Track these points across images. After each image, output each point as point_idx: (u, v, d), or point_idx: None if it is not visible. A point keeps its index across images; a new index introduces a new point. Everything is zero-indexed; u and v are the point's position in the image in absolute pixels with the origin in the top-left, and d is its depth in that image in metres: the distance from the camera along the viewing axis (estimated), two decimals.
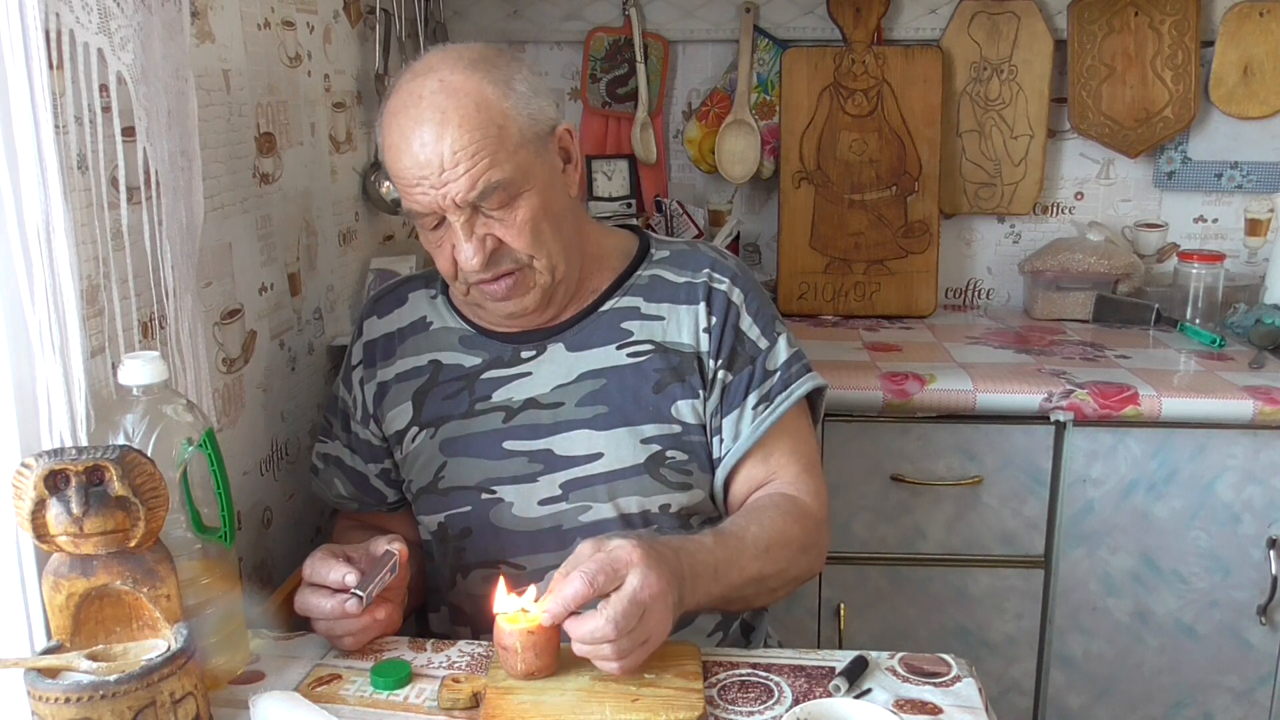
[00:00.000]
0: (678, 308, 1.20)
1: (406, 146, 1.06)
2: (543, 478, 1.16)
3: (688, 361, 1.18)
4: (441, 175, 1.05)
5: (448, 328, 1.23)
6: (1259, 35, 2.06)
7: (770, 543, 1.10)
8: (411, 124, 1.06)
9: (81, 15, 0.88)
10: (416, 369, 1.22)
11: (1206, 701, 1.77)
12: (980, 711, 0.92)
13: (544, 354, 1.19)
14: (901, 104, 2.13)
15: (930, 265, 2.16)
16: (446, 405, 1.19)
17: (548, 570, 1.15)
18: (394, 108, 1.09)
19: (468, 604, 1.21)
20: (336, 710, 0.91)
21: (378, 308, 1.27)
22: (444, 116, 1.05)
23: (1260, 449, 1.66)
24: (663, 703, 0.91)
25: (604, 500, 1.15)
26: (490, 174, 1.06)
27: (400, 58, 1.84)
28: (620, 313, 1.20)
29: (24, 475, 0.79)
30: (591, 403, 1.16)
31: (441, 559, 1.22)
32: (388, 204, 1.78)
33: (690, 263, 1.23)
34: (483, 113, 1.06)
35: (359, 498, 1.28)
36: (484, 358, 1.20)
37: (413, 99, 1.07)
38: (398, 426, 1.22)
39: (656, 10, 2.18)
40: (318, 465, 1.30)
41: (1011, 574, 1.76)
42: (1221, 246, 2.16)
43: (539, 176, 1.10)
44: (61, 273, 0.86)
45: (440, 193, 1.06)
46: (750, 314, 1.20)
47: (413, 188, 1.07)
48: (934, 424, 1.71)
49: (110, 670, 0.79)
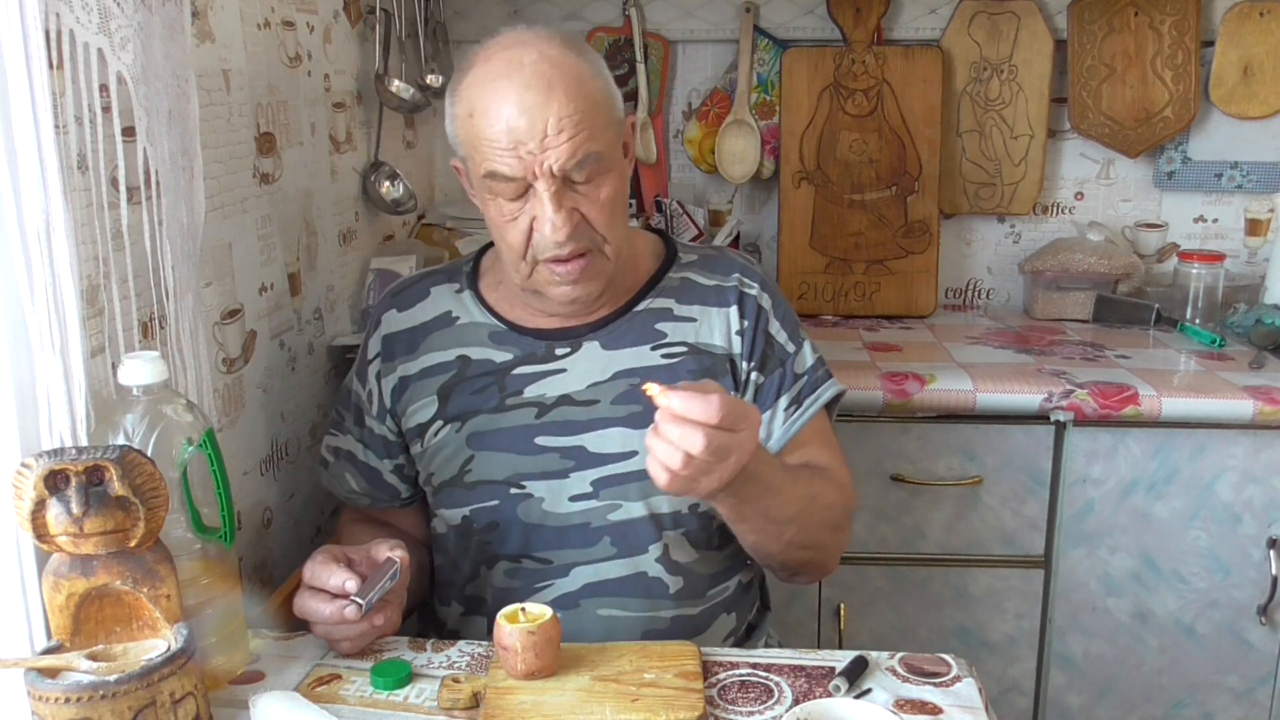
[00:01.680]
0: (709, 310, 1.21)
1: (507, 110, 1.05)
2: (574, 474, 1.16)
3: (720, 363, 1.19)
4: (543, 141, 1.04)
5: (476, 323, 1.22)
6: (1259, 35, 2.06)
7: (816, 494, 1.13)
8: (516, 87, 1.05)
9: (81, 15, 0.88)
10: (443, 364, 1.21)
11: (1206, 701, 1.77)
12: (980, 711, 0.92)
13: (579, 351, 1.19)
14: (901, 104, 2.13)
15: (930, 265, 2.16)
16: (475, 400, 1.19)
17: (573, 565, 1.17)
18: (488, 74, 1.07)
19: (490, 594, 1.21)
20: (336, 710, 0.91)
21: (398, 301, 1.26)
22: (550, 85, 1.05)
23: (1260, 449, 1.66)
24: (663, 703, 0.91)
25: (635, 499, 1.16)
26: (590, 144, 1.06)
27: (400, 58, 1.84)
28: (654, 314, 1.20)
29: (24, 475, 0.79)
30: (626, 401, 1.17)
31: (462, 552, 1.22)
32: (388, 204, 1.78)
33: (719, 266, 1.24)
34: (585, 86, 1.07)
35: (371, 493, 1.28)
36: (515, 353, 1.20)
37: (513, 66, 1.06)
38: (419, 420, 1.21)
39: (656, 10, 2.18)
40: (327, 459, 1.30)
41: (1011, 574, 1.76)
42: (1221, 246, 2.16)
43: (618, 159, 1.13)
44: (61, 273, 0.86)
45: (539, 159, 1.05)
46: (778, 319, 1.22)
47: (506, 152, 1.06)
48: (934, 424, 1.71)
49: (110, 670, 0.79)
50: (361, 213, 1.74)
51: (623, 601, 1.16)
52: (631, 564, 1.16)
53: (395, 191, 1.78)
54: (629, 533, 1.16)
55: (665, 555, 1.17)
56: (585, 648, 1.01)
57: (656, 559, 1.16)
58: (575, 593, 1.16)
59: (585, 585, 1.16)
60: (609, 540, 1.16)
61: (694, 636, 1.16)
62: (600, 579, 1.16)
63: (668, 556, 1.17)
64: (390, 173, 1.78)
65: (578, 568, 1.16)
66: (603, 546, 1.16)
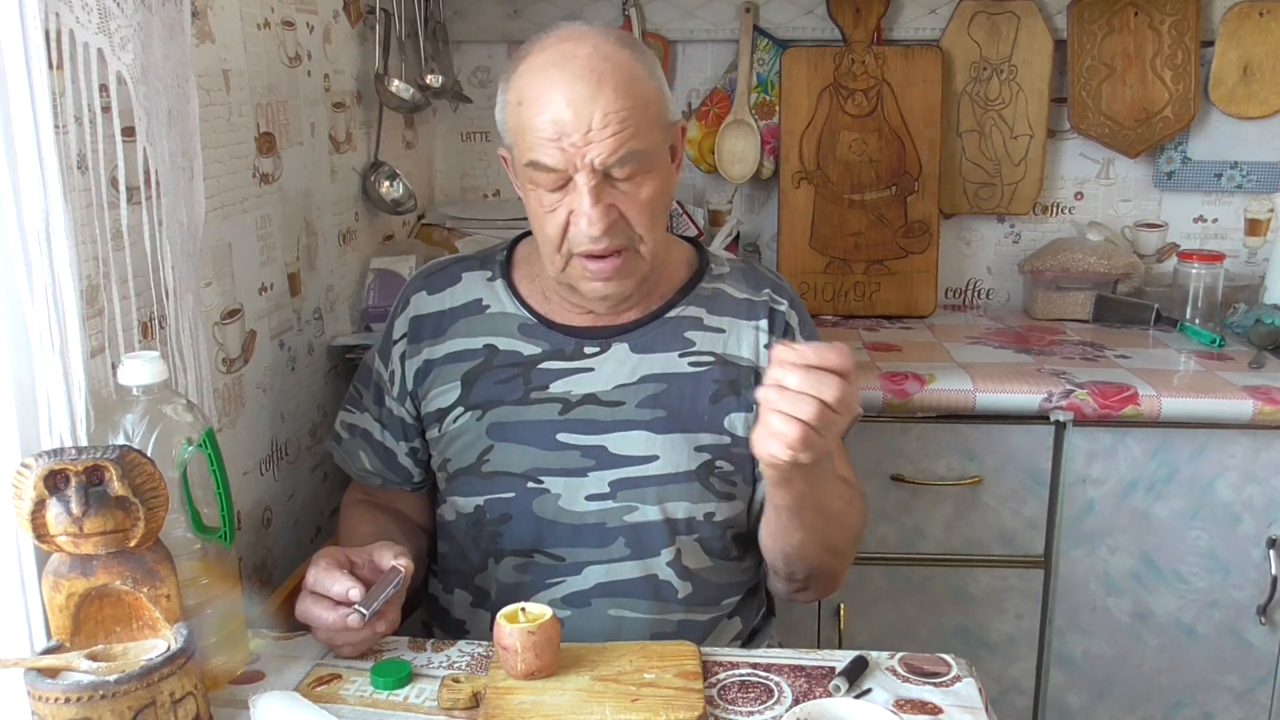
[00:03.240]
0: (739, 322, 1.22)
1: (554, 100, 1.05)
2: (593, 473, 1.17)
3: (745, 376, 1.20)
4: (587, 135, 1.05)
5: (506, 313, 1.22)
6: (1259, 35, 2.06)
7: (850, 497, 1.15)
8: (566, 79, 1.05)
9: (81, 15, 0.88)
10: (470, 350, 1.21)
11: (1206, 701, 1.77)
12: (980, 711, 0.92)
13: (608, 351, 1.19)
14: (901, 104, 2.13)
15: (930, 265, 2.16)
16: (499, 390, 1.19)
17: (584, 564, 1.17)
18: (541, 63, 1.08)
19: (495, 589, 1.21)
20: (336, 710, 0.91)
21: (429, 284, 1.26)
22: (600, 79, 1.05)
23: (1260, 449, 1.66)
24: (663, 703, 0.91)
25: (652, 503, 1.16)
26: (633, 142, 1.06)
27: (400, 58, 1.84)
28: (684, 321, 1.21)
29: (24, 475, 0.79)
30: (652, 405, 1.17)
31: (472, 542, 1.21)
32: (388, 204, 1.78)
33: (751, 280, 1.26)
34: (636, 84, 1.07)
35: (383, 474, 1.28)
36: (544, 348, 1.20)
37: (567, 57, 1.06)
38: (440, 405, 1.21)
39: (656, 10, 2.18)
40: (342, 435, 1.30)
41: (1011, 574, 1.76)
42: (1221, 246, 2.16)
43: (662, 161, 1.13)
44: (61, 273, 0.86)
45: (581, 152, 1.05)
46: (804, 336, 1.23)
47: (550, 142, 1.06)
48: (934, 424, 1.71)
49: (110, 670, 0.79)
50: (361, 213, 1.74)
51: (633, 603, 1.17)
52: (644, 565, 1.17)
53: (395, 191, 1.78)
54: (643, 535, 1.17)
55: (677, 560, 1.17)
56: (585, 647, 1.01)
57: (668, 563, 1.17)
58: (587, 591, 1.16)
59: (598, 584, 1.17)
60: (623, 541, 1.16)
61: (700, 641, 1.16)
62: (612, 579, 1.17)
63: (679, 562, 1.17)
64: (390, 173, 1.78)
65: (591, 566, 1.17)
66: (617, 547, 1.16)
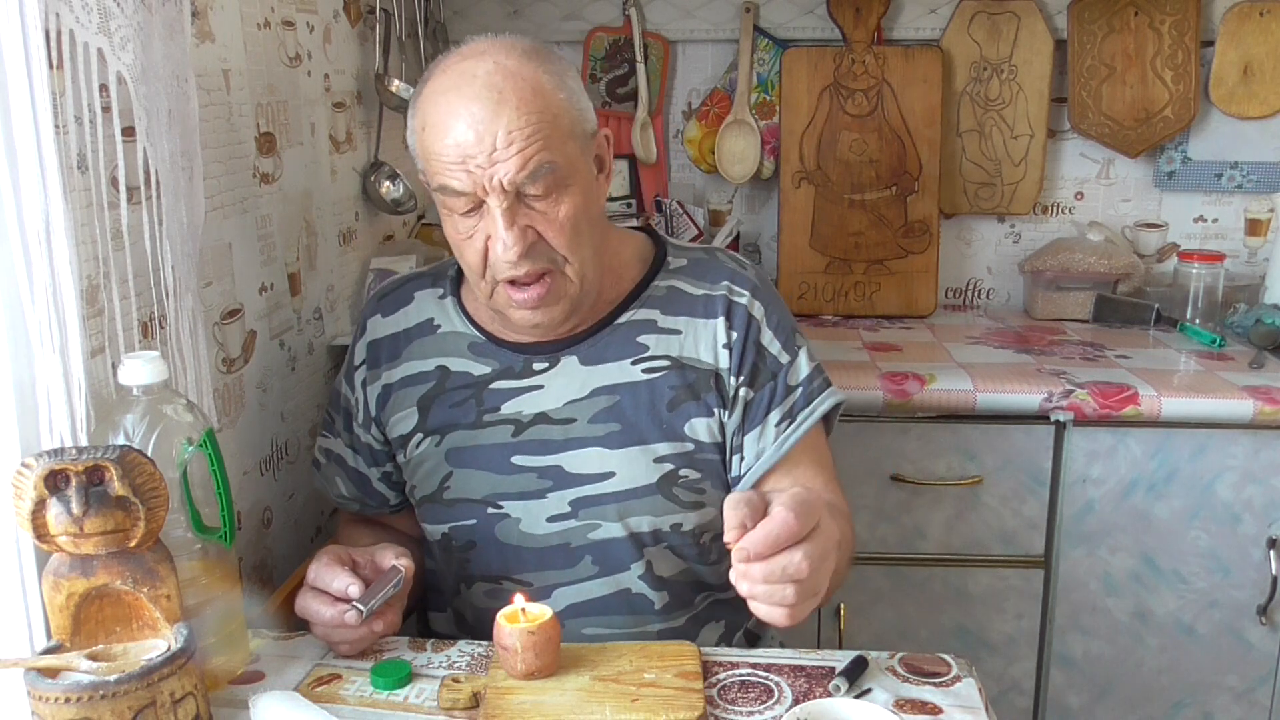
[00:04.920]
0: (695, 321, 1.15)
1: (454, 123, 1.01)
2: (552, 494, 1.14)
3: (704, 379, 1.14)
4: (492, 155, 1.00)
5: (457, 332, 1.19)
6: (1259, 35, 2.06)
7: (844, 537, 1.06)
8: (464, 101, 1.01)
9: (81, 15, 0.88)
10: (423, 373, 1.18)
11: (1206, 701, 1.77)
12: (980, 711, 0.92)
13: (556, 366, 1.15)
14: (901, 104, 2.13)
15: (930, 265, 2.16)
16: (453, 413, 1.16)
17: (553, 587, 1.14)
18: (441, 86, 1.04)
19: (470, 614, 1.20)
20: (336, 710, 0.91)
21: (382, 306, 1.23)
22: (501, 96, 1.01)
23: (1260, 449, 1.66)
24: (663, 703, 0.91)
25: (614, 519, 1.13)
26: (542, 155, 1.01)
27: (400, 58, 1.84)
28: (636, 326, 1.15)
29: (24, 475, 0.79)
30: (604, 420, 1.13)
31: (446, 566, 1.21)
32: (388, 204, 1.78)
33: (709, 273, 1.18)
34: (539, 98, 1.03)
35: (361, 499, 1.27)
36: (493, 367, 1.16)
37: (465, 78, 1.02)
38: (402, 431, 1.19)
39: (656, 10, 2.18)
40: (320, 460, 1.29)
41: (1011, 574, 1.76)
42: (1221, 246, 2.16)
43: (582, 175, 1.07)
44: (61, 273, 0.86)
45: (488, 173, 1.01)
46: (771, 328, 1.16)
47: (455, 165, 1.02)
48: (934, 424, 1.71)
49: (110, 670, 0.79)
50: (361, 213, 1.74)
51: (607, 620, 1.15)
52: (614, 582, 1.14)
53: (395, 191, 1.78)
54: (609, 551, 1.14)
55: (649, 572, 1.15)
56: (585, 648, 1.01)
57: (640, 576, 1.15)
58: (559, 614, 1.14)
59: (568, 606, 1.14)
60: (590, 559, 1.14)
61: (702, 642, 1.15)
62: (583, 599, 1.15)
63: (651, 573, 1.15)
64: (390, 173, 1.78)
65: (560, 589, 1.15)
66: (584, 566, 1.14)
